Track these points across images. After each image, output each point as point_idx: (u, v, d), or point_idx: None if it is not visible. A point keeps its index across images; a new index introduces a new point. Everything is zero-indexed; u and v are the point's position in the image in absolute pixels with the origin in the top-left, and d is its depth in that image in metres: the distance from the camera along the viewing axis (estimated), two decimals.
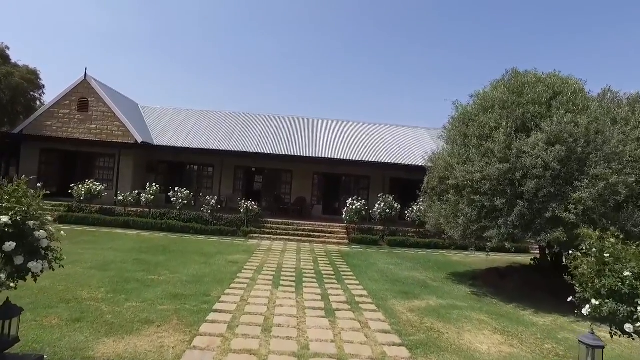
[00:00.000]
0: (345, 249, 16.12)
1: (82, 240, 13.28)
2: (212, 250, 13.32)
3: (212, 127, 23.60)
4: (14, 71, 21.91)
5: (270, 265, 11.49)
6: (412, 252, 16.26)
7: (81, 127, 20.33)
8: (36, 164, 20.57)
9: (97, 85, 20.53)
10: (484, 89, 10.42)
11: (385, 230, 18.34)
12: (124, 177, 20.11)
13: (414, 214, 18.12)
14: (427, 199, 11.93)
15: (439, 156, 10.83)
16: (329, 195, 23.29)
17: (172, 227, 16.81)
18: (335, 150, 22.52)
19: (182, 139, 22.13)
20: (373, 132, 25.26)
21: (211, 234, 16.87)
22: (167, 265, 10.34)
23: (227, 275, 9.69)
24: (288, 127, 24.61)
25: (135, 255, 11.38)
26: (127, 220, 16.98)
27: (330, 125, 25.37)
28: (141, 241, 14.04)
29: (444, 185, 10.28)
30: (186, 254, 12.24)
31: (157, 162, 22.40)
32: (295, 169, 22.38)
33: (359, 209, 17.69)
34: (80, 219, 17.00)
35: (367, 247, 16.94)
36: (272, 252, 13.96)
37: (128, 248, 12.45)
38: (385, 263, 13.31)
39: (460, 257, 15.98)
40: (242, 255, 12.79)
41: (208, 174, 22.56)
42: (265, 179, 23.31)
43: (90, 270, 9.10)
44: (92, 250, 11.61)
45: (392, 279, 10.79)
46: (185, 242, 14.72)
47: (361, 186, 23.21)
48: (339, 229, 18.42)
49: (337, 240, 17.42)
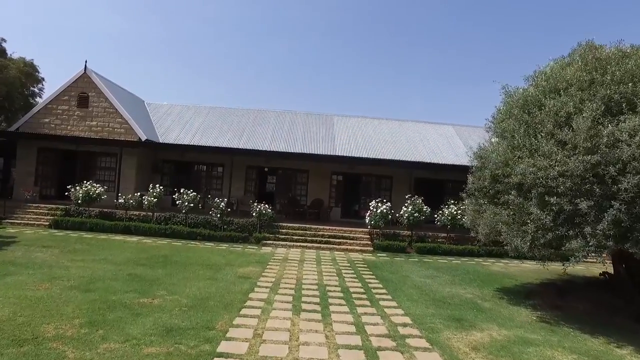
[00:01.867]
0: (370, 257, 14.30)
1: (74, 250, 11.67)
2: (220, 260, 11.61)
3: (222, 124, 21.97)
4: (10, 64, 20.50)
5: (287, 280, 9.74)
6: (445, 261, 14.38)
7: (81, 124, 18.84)
8: (33, 164, 19.13)
9: (97, 79, 19.03)
10: (550, 68, 8.53)
11: (413, 235, 16.49)
12: (127, 178, 18.55)
13: (445, 218, 16.22)
14: (472, 202, 10.03)
15: (492, 150, 8.94)
16: (348, 197, 21.49)
17: (177, 232, 15.16)
18: (355, 148, 20.71)
19: (189, 136, 20.54)
20: (395, 128, 23.38)
21: (220, 241, 15.17)
22: (165, 282, 8.64)
23: (237, 295, 7.95)
24: (303, 123, 22.87)
25: (130, 268, 9.71)
26: (128, 226, 15.37)
27: (348, 122, 23.55)
28: (140, 250, 12.39)
29: (500, 184, 8.41)
30: (190, 266, 10.54)
31: (162, 161, 20.84)
32: (311, 168, 20.62)
33: (385, 212, 15.85)
34: (77, 224, 15.45)
35: (393, 255, 15.11)
36: (289, 262, 12.21)
37: (124, 259, 10.80)
38: (419, 275, 11.47)
39: (500, 267, 14.06)
40: (254, 267, 11.05)
41: (217, 175, 20.91)
42: (279, 180, 21.59)
43: (69, 290, 7.42)
44: (81, 263, 9.97)
45: (434, 298, 8.96)
46: (190, 250, 13.05)
47: (383, 187, 21.36)
48: (362, 234, 16.60)
49: (360, 247, 15.60)
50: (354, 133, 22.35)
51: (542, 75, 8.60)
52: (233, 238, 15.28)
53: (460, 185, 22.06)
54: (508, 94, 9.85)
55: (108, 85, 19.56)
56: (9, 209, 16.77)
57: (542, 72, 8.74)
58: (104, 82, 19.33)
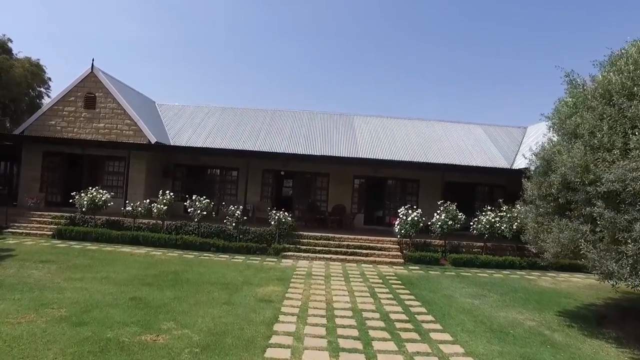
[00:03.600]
0: (402, 271, 12.84)
1: (74, 265, 10.43)
2: (236, 278, 10.26)
3: (236, 125, 20.71)
4: (15, 63, 19.53)
5: (316, 303, 8.34)
6: (485, 275, 12.85)
7: (88, 127, 17.73)
8: (39, 169, 18.07)
9: (105, 79, 17.91)
10: (636, 49, 6.98)
11: (446, 245, 14.97)
12: (136, 183, 17.36)
13: (482, 226, 14.67)
14: (532, 212, 8.50)
15: (562, 151, 7.41)
16: (371, 202, 20.01)
17: (188, 243, 13.87)
18: (379, 150, 19.27)
19: (202, 138, 19.33)
20: (420, 128, 21.87)
21: (236, 252, 13.85)
22: (174, 308, 7.31)
23: (259, 328, 6.58)
24: (322, 123, 21.49)
25: (134, 289, 8.41)
26: (136, 236, 14.14)
27: (369, 122, 22.09)
28: (148, 265, 11.11)
29: (577, 193, 6.88)
30: (203, 285, 9.21)
31: (173, 165, 19.63)
32: (332, 172, 19.20)
33: (416, 220, 14.35)
34: (82, 234, 14.27)
35: (426, 267, 13.63)
36: (314, 279, 10.81)
37: (128, 277, 9.51)
38: (463, 295, 9.98)
39: (548, 282, 12.49)
40: (276, 285, 9.68)
41: (232, 179, 19.62)
42: (297, 184, 20.23)
43: (57, 324, 6.13)
44: (79, 283, 8.71)
45: (491, 327, 7.49)
46: (203, 264, 11.73)
47: (409, 191, 19.84)
48: (390, 244, 15.12)
49: (390, 259, 14.14)
50: (377, 133, 20.90)
51: (626, 59, 7.07)
52: (250, 249, 13.93)
53: (492, 189, 20.81)
54: (574, 84, 8.36)
55: (116, 84, 18.44)
56: (12, 217, 15.69)
57: (624, 55, 7.20)
58: (112, 82, 18.22)
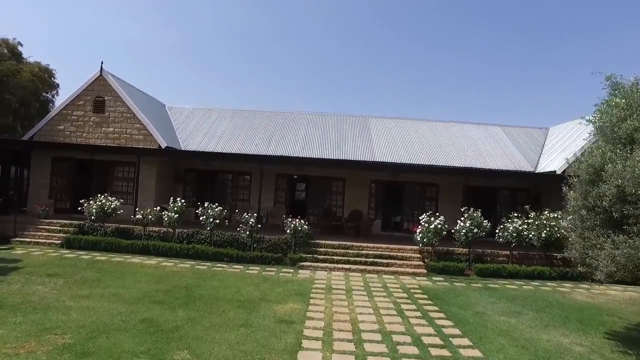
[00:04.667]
0: (426, 283, 12.11)
1: (81, 280, 9.87)
2: (253, 293, 9.62)
3: (248, 129, 20.13)
4: (24, 68, 19.15)
5: (340, 324, 7.66)
6: (515, 287, 12.07)
7: (97, 131, 17.26)
8: (48, 175, 17.65)
9: (114, 82, 17.43)
10: None
11: (470, 254, 14.21)
12: (146, 188, 16.84)
13: (508, 234, 13.88)
14: (577, 225, 7.72)
15: (618, 160, 6.63)
16: (389, 208, 19.29)
17: (201, 253, 13.28)
18: (396, 153, 18.55)
19: (213, 143, 18.78)
20: (438, 130, 21.10)
21: (250, 262, 13.22)
22: (187, 333, 6.69)
23: (282, 357, 5.92)
24: (336, 126, 20.82)
25: (145, 309, 7.81)
26: (146, 245, 13.59)
27: (385, 124, 21.37)
28: (159, 278, 10.51)
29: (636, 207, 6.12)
30: (217, 303, 8.58)
31: (184, 170, 19.10)
32: (348, 176, 18.52)
33: (439, 228, 13.61)
34: (90, 243, 13.76)
35: (450, 278, 12.89)
36: (335, 293, 10.13)
37: (138, 293, 8.92)
38: (496, 312, 9.23)
39: (584, 295, 11.67)
40: (295, 302, 9.02)
41: (244, 184, 19.02)
42: (312, 189, 19.56)
43: (60, 356, 5.52)
44: (86, 301, 8.12)
45: (536, 354, 6.76)
46: (216, 277, 11.11)
47: (428, 196, 19.08)
48: (411, 252, 14.40)
49: (412, 269, 13.42)
50: (393, 136, 20.18)
51: None
52: (265, 259, 13.30)
53: (515, 192, 19.96)
54: (615, 86, 7.62)
55: (125, 87, 17.97)
56: (21, 225, 15.25)
57: None
58: (121, 85, 17.74)
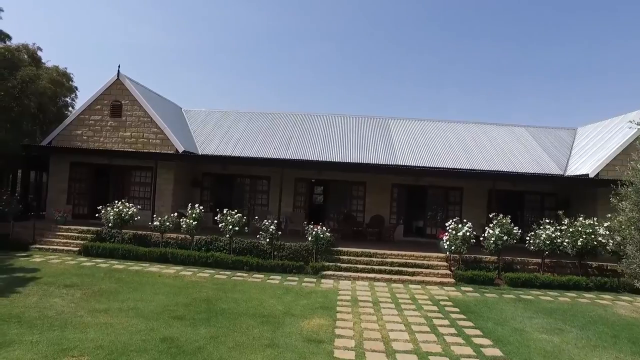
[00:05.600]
0: (455, 294, 11.52)
1: (99, 292, 9.55)
2: (276, 306, 9.18)
3: (266, 131, 19.73)
4: (43, 73, 19.07)
5: (372, 344, 7.16)
6: (550, 299, 11.40)
7: (114, 136, 17.05)
8: (66, 180, 17.51)
9: (131, 85, 17.20)
10: None
11: (499, 262, 13.56)
12: (163, 194, 16.57)
13: (541, 242, 13.19)
14: (634, 236, 7.08)
15: None
16: (411, 212, 18.72)
17: (220, 261, 12.90)
18: (418, 156, 17.95)
19: (231, 146, 18.42)
20: (460, 132, 20.41)
21: (271, 271, 12.79)
22: (210, 355, 6.26)
23: None
24: (356, 128, 20.29)
25: (165, 326, 7.41)
26: (164, 253, 13.27)
27: (406, 125, 20.76)
28: (178, 289, 10.14)
29: None
30: (240, 318, 8.14)
31: (202, 174, 18.80)
32: (369, 180, 18.00)
33: (467, 236, 12.99)
34: (108, 250, 13.50)
35: (480, 288, 12.28)
36: (361, 306, 9.63)
37: (157, 307, 8.55)
38: (536, 328, 8.62)
39: (628, 309, 10.89)
40: (322, 317, 8.54)
41: (262, 189, 18.63)
42: (331, 193, 19.07)
43: None
44: (104, 317, 7.77)
45: None
46: (237, 288, 10.69)
47: (451, 200, 18.43)
48: (437, 260, 13.81)
49: (439, 278, 12.83)
50: (415, 138, 19.57)
51: None
52: (286, 268, 12.85)
53: (543, 197, 19.14)
54: None
55: (142, 91, 17.73)
56: (39, 231, 15.12)
57: None
58: (138, 88, 17.50)
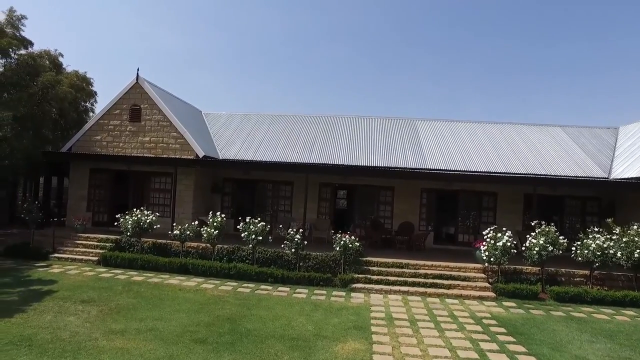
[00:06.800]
0: (497, 310, 10.56)
1: (116, 308, 8.96)
2: (305, 326, 8.41)
3: (288, 135, 19.04)
4: (63, 78, 18.83)
5: None
6: (606, 317, 10.30)
7: (133, 141, 16.61)
8: (86, 187, 17.16)
9: (150, 89, 16.74)
10: None
11: (542, 274, 12.50)
12: (183, 200, 16.03)
13: (590, 253, 12.07)
14: None
15: None
16: (442, 219, 17.74)
17: (243, 273, 12.21)
18: (449, 159, 16.97)
19: (252, 150, 17.79)
20: (492, 133, 19.33)
21: (297, 284, 12.04)
22: None
23: None
24: (382, 130, 19.43)
25: (186, 352, 6.73)
26: (185, 263, 12.67)
27: (435, 127, 19.79)
28: (200, 306, 9.47)
29: None
30: (267, 342, 7.41)
31: (222, 180, 18.22)
32: (397, 185, 17.10)
33: (508, 246, 11.99)
34: (127, 261, 12.98)
35: (523, 303, 11.27)
36: (399, 326, 8.78)
37: (178, 328, 7.88)
38: (600, 355, 7.63)
39: None
40: (356, 340, 7.74)
41: (285, 194, 17.93)
42: (356, 198, 18.24)
43: None
44: (121, 340, 7.13)
45: None
46: (262, 304, 9.96)
47: (484, 206, 17.38)
48: (474, 272, 12.85)
49: (477, 292, 11.87)
50: (445, 140, 18.58)
51: None
52: (312, 280, 12.08)
53: (584, 202, 17.81)
54: None
55: (161, 95, 17.26)
56: (59, 239, 14.77)
57: None
58: (157, 92, 17.04)
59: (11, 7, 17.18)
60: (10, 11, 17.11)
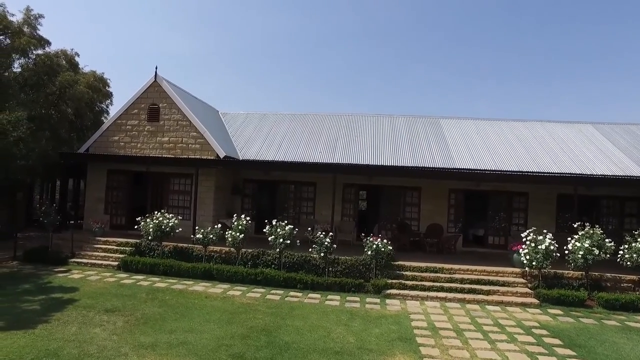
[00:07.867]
0: (544, 318, 9.87)
1: (143, 318, 8.43)
2: (346, 338, 7.81)
3: (310, 134, 18.45)
4: (80, 78, 18.45)
5: None
6: None
7: (152, 141, 16.13)
8: (103, 189, 16.71)
9: (169, 87, 16.26)
10: None
11: (586, 279, 11.75)
12: (204, 202, 15.50)
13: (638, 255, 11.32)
14: None
15: None
16: (471, 221, 17.03)
17: (270, 279, 11.64)
18: (477, 159, 16.23)
19: (272, 150, 17.21)
20: (519, 131, 18.54)
21: (327, 290, 11.42)
22: None
23: None
24: (406, 128, 18.75)
25: None
26: (208, 269, 12.12)
27: (460, 125, 19.06)
28: (230, 315, 8.90)
29: None
30: (309, 356, 6.82)
31: (243, 181, 17.69)
32: (424, 185, 16.43)
33: (551, 249, 11.29)
34: (148, 266, 12.48)
35: (569, 310, 10.58)
36: (445, 336, 8.15)
37: (211, 340, 7.32)
38: None
39: None
40: (404, 354, 7.13)
41: (308, 196, 17.34)
42: (381, 199, 17.59)
43: None
44: (152, 356, 6.59)
45: None
46: (295, 312, 9.37)
47: (515, 206, 16.63)
48: (512, 276, 12.16)
49: (519, 298, 11.18)
50: (471, 139, 17.85)
51: None
52: (343, 286, 11.46)
53: (623, 202, 16.90)
54: None
55: (180, 94, 16.77)
56: (77, 243, 14.33)
57: None
58: (176, 91, 16.55)
59: (28, 6, 16.85)
60: (27, 10, 16.76)
